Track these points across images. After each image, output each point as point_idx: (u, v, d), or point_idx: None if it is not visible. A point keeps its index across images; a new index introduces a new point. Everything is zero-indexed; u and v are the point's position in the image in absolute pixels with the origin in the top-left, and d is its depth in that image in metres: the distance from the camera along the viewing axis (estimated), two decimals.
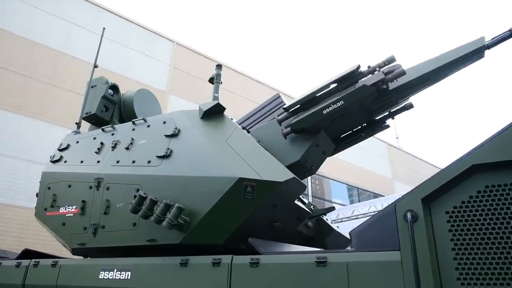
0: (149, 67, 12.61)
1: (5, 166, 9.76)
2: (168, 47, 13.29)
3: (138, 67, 12.15)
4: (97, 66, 4.74)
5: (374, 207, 7.87)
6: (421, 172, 22.37)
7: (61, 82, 11.13)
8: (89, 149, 3.74)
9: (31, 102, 10.60)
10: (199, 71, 13.64)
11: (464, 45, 3.28)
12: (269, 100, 4.63)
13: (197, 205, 2.73)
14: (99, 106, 4.52)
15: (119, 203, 3.18)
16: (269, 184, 2.63)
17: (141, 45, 12.57)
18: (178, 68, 13.36)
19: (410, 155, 22.40)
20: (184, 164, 2.96)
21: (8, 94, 10.45)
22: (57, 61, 11.33)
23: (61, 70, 11.28)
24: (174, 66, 13.23)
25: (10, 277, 3.63)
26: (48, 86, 10.98)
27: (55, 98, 10.92)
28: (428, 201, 2.07)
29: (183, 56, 13.73)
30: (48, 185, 3.77)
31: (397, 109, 3.76)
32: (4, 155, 9.98)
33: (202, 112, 3.30)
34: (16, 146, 10.15)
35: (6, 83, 10.51)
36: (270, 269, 2.31)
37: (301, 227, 3.37)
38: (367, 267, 2.06)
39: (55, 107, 10.84)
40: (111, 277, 2.97)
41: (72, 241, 3.40)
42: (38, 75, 10.94)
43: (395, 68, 3.27)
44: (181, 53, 13.70)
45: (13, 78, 10.62)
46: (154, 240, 2.88)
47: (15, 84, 10.58)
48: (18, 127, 10.32)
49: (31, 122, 10.50)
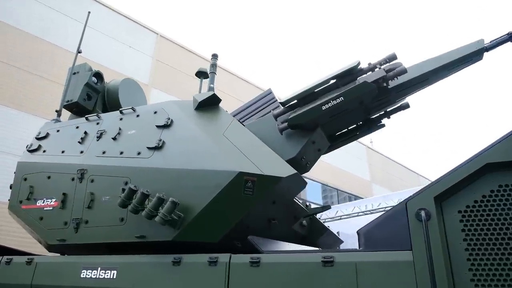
0: (131, 59, 12.15)
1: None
2: (152, 39, 12.87)
3: (120, 58, 11.66)
4: (80, 51, 4.46)
5: (358, 208, 7.97)
6: (397, 175, 22.92)
7: (34, 69, 10.52)
8: (71, 138, 3.48)
9: (4, 89, 9.97)
10: (182, 65, 13.30)
11: (464, 46, 3.27)
12: (261, 95, 4.51)
13: (192, 200, 2.56)
14: (82, 94, 4.24)
15: (104, 197, 2.95)
16: (271, 180, 2.50)
17: (124, 36, 12.08)
18: (161, 61, 12.97)
19: (388, 158, 22.90)
20: (178, 156, 2.78)
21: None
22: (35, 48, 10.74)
23: (37, 57, 10.69)
24: (157, 59, 12.84)
25: None
26: (22, 73, 10.36)
27: (29, 86, 10.32)
28: (440, 200, 2.01)
29: (167, 49, 13.34)
30: (24, 176, 3.48)
31: (393, 109, 3.73)
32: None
33: (197, 103, 3.13)
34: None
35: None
36: (272, 269, 2.19)
37: (296, 226, 3.27)
38: (377, 267, 1.98)
39: (30, 96, 10.24)
40: (94, 276, 2.75)
41: (51, 237, 3.14)
42: (14, 61, 10.32)
43: (396, 66, 3.22)
44: (165, 46, 13.31)
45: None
46: (144, 236, 2.69)
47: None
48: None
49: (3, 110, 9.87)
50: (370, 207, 7.83)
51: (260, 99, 4.48)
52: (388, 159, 23.10)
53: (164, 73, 12.91)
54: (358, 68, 3.29)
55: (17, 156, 9.43)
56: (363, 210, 7.86)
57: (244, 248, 2.72)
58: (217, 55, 3.83)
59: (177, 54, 13.54)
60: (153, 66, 12.61)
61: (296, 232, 3.28)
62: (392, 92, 3.40)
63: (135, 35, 12.44)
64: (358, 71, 3.29)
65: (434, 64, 3.30)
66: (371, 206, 7.82)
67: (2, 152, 9.46)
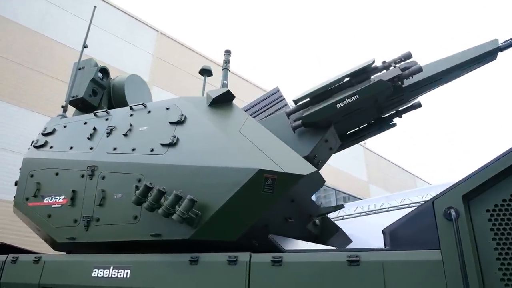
0: (131, 56, 11.98)
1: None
2: (152, 37, 12.73)
3: (120, 54, 11.49)
4: (86, 46, 4.37)
5: (360, 208, 7.96)
6: (393, 176, 23.00)
7: (34, 64, 10.33)
8: (79, 134, 3.40)
9: (3, 85, 9.77)
10: (182, 63, 13.17)
11: (478, 46, 3.27)
12: (268, 94, 4.47)
13: (209, 198, 2.51)
14: (87, 90, 4.16)
15: (116, 194, 2.88)
16: (292, 177, 2.46)
17: (124, 32, 11.91)
18: (161, 59, 12.82)
19: (384, 159, 23.00)
20: (194, 153, 2.73)
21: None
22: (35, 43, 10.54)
23: (36, 52, 10.49)
24: (157, 56, 12.70)
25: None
26: (21, 68, 10.16)
27: (29, 82, 10.12)
28: (468, 199, 1.99)
29: (167, 46, 13.20)
30: (31, 173, 3.39)
31: (405, 108, 3.71)
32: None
33: (211, 99, 3.08)
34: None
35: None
36: (294, 268, 2.15)
37: (309, 225, 3.23)
38: (405, 266, 1.95)
39: (30, 91, 10.04)
40: (106, 275, 2.68)
41: (60, 235, 3.06)
42: (14, 56, 10.11)
43: (411, 64, 3.20)
44: (165, 43, 13.17)
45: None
46: (159, 235, 2.62)
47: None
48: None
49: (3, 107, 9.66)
50: (373, 207, 7.82)
51: (267, 97, 4.44)
52: (385, 160, 23.21)
53: (164, 70, 12.78)
54: (373, 66, 3.26)
55: (17, 152, 9.28)
56: (366, 210, 7.85)
57: (261, 247, 2.68)
58: (230, 51, 3.78)
59: (177, 51, 13.41)
60: (153, 64, 12.47)
61: (309, 232, 3.25)
62: (406, 91, 3.39)
63: (135, 32, 12.29)
64: (373, 69, 3.27)
65: (448, 63, 3.28)
66: (373, 206, 7.81)
67: (1, 148, 9.26)
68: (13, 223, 8.34)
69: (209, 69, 5.04)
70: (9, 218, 8.31)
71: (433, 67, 3.31)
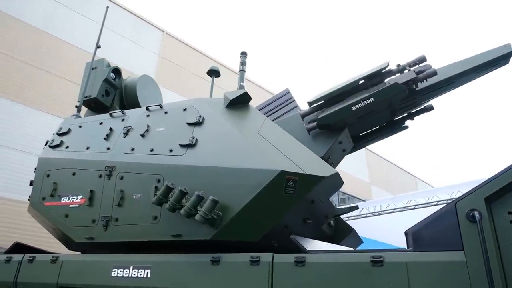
0: (138, 56, 11.99)
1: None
2: (158, 37, 12.74)
3: (126, 54, 11.49)
4: (99, 46, 4.39)
5: (366, 209, 7.98)
6: (395, 178, 23.07)
7: (40, 63, 10.32)
8: (95, 134, 3.42)
9: (10, 83, 9.76)
10: (187, 63, 13.19)
11: (491, 50, 3.31)
12: (278, 95, 4.50)
13: (231, 199, 2.54)
14: (100, 90, 4.19)
15: (135, 194, 2.90)
16: (313, 179, 2.49)
17: (129, 32, 11.91)
18: (167, 59, 12.84)
19: (386, 160, 23.07)
20: (214, 154, 2.75)
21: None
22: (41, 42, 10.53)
23: (43, 52, 10.48)
24: (163, 56, 12.71)
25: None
26: (27, 67, 10.15)
27: (34, 81, 10.11)
28: (490, 201, 2.02)
29: (172, 46, 13.22)
30: (47, 172, 3.40)
31: (417, 110, 3.75)
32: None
33: (228, 101, 3.11)
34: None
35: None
36: (317, 269, 2.17)
37: (324, 226, 3.26)
38: (429, 267, 1.98)
39: (36, 90, 10.03)
40: (126, 275, 2.70)
41: (78, 235, 3.08)
42: (19, 55, 10.10)
43: (426, 68, 3.24)
44: (170, 43, 13.20)
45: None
46: (180, 235, 2.65)
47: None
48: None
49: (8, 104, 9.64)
50: (379, 208, 7.85)
51: (277, 98, 4.47)
52: (386, 161, 23.28)
53: (169, 70, 12.78)
54: (387, 69, 3.30)
55: (21, 151, 9.26)
56: (372, 211, 7.87)
57: (280, 247, 2.71)
58: (246, 53, 3.80)
59: (182, 51, 13.42)
60: (158, 64, 12.49)
61: (324, 232, 3.28)
62: (419, 94, 3.43)
63: (141, 32, 12.30)
64: (387, 72, 3.31)
65: (461, 67, 3.32)
66: (379, 208, 7.84)
67: (5, 146, 9.25)
68: (17, 221, 8.35)
69: (217, 70, 5.08)
70: (12, 217, 8.33)
71: (447, 71, 3.35)
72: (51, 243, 5.63)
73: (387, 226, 7.93)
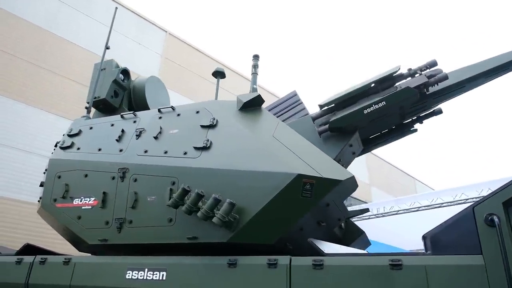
0: (140, 56, 11.97)
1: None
2: (161, 37, 12.72)
3: (130, 55, 11.47)
4: (109, 47, 4.39)
5: (369, 211, 8.04)
6: (394, 179, 23.13)
7: (43, 62, 10.27)
8: (107, 136, 3.42)
9: (12, 82, 9.71)
10: (190, 64, 13.18)
11: (503, 54, 3.34)
12: (285, 97, 4.52)
13: (247, 202, 2.55)
14: (109, 91, 4.19)
15: (150, 196, 2.91)
16: (330, 182, 2.51)
17: (134, 33, 11.89)
18: (170, 59, 12.81)
19: (386, 162, 23.15)
20: (229, 157, 2.76)
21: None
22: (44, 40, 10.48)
23: (46, 51, 10.44)
24: (166, 57, 12.70)
25: (9, 275, 3.24)
26: (30, 66, 10.09)
27: (37, 80, 10.05)
28: (507, 205, 2.05)
29: (175, 47, 13.21)
30: (58, 174, 3.40)
31: (426, 114, 3.78)
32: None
33: (242, 104, 3.12)
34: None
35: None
36: (336, 271, 2.19)
37: (336, 228, 3.28)
38: (447, 271, 2.00)
39: (38, 90, 9.98)
40: (141, 277, 2.70)
41: (91, 237, 3.07)
42: (22, 54, 10.05)
43: (437, 72, 3.27)
44: (173, 44, 13.18)
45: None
46: (196, 238, 2.66)
47: None
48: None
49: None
50: (382, 210, 7.88)
51: (284, 101, 4.49)
52: (386, 163, 23.37)
53: (172, 71, 12.77)
54: (398, 73, 3.33)
55: (23, 151, 9.21)
56: (375, 213, 7.90)
57: (295, 250, 2.72)
58: (258, 55, 3.82)
59: (185, 52, 13.43)
60: (162, 65, 12.47)
61: (335, 235, 3.30)
62: (429, 98, 3.46)
63: (144, 32, 12.28)
64: (398, 76, 3.34)
65: (472, 71, 3.36)
66: (383, 210, 7.87)
67: (6, 146, 9.18)
68: (18, 221, 8.31)
69: (222, 71, 5.07)
70: (13, 216, 8.29)
71: (458, 75, 3.38)
72: (55, 243, 5.64)
73: (390, 228, 7.98)
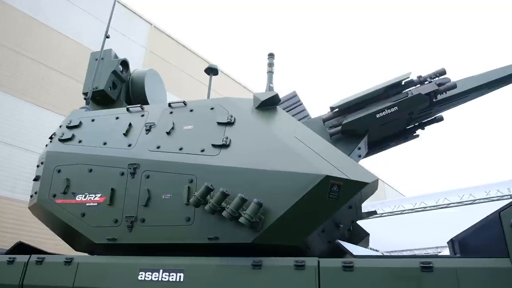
0: (124, 47, 11.45)
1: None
2: (146, 29, 12.25)
3: (113, 46, 10.97)
4: (108, 36, 4.18)
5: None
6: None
7: (27, 51, 9.58)
8: (113, 130, 3.24)
9: None
10: (175, 59, 12.83)
11: (505, 67, 3.52)
12: (285, 98, 4.51)
13: (272, 202, 2.50)
14: (108, 83, 3.99)
15: (165, 194, 2.78)
16: (357, 185, 2.52)
17: (119, 24, 11.33)
18: (154, 53, 12.38)
19: None
20: (251, 156, 2.70)
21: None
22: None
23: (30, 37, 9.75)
24: (150, 50, 12.25)
25: (0, 276, 2.98)
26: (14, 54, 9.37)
27: (20, 70, 9.35)
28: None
29: (160, 41, 12.79)
30: (58, 168, 3.17)
31: (428, 121, 3.91)
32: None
33: (259, 102, 3.07)
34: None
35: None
36: (366, 273, 2.20)
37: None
38: (477, 273, 2.06)
39: (20, 79, 9.29)
40: (155, 279, 2.58)
41: (98, 236, 2.89)
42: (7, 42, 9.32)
43: (445, 81, 3.39)
44: (158, 37, 12.74)
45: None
46: (217, 238, 2.57)
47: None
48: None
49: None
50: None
51: (284, 101, 4.47)
52: None
53: (155, 64, 12.35)
54: (409, 80, 3.42)
55: (8, 145, 8.46)
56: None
57: (314, 251, 2.71)
58: (274, 54, 3.78)
59: (170, 47, 13.06)
60: (146, 58, 12.04)
61: (344, 237, 3.32)
62: (436, 105, 3.57)
63: (129, 23, 11.80)
64: (408, 82, 3.42)
65: (476, 81, 3.51)
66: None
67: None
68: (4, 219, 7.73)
69: (215, 68, 4.98)
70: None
71: (463, 84, 3.51)
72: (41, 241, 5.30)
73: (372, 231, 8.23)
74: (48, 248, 3.60)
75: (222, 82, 14.03)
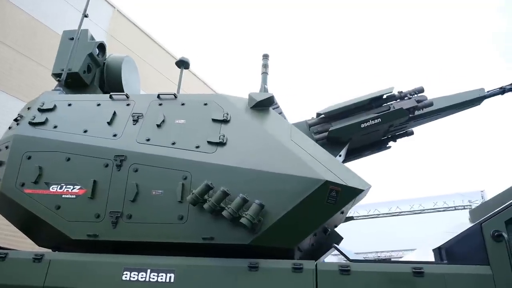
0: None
1: None
2: (108, 13, 11.35)
3: (73, 26, 10.05)
4: (87, 15, 3.85)
5: None
6: None
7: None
8: (94, 117, 2.99)
9: None
10: (137, 47, 12.07)
11: (468, 91, 3.89)
12: None
13: (271, 204, 2.48)
14: (83, 65, 3.68)
15: (155, 190, 2.63)
16: (353, 191, 2.59)
17: (80, 3, 10.41)
18: (115, 38, 11.52)
19: None
20: (250, 156, 2.66)
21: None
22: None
23: None
24: (112, 35, 11.37)
25: None
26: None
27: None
28: (509, 223, 2.39)
29: (123, 26, 11.92)
30: (28, 154, 2.84)
31: (400, 134, 4.17)
32: None
33: (255, 102, 3.04)
34: None
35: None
36: (362, 277, 2.28)
37: None
38: (462, 278, 2.24)
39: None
40: (142, 279, 2.43)
41: (75, 231, 2.63)
42: None
43: (423, 98, 3.65)
44: (121, 22, 11.86)
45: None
46: (212, 238, 2.48)
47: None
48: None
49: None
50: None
51: None
52: None
53: (116, 51, 11.58)
54: (391, 94, 3.63)
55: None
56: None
57: (305, 254, 2.75)
58: (268, 55, 3.75)
59: (133, 33, 12.27)
60: (107, 42, 11.17)
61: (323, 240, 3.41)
62: (411, 120, 3.83)
63: (91, 5, 10.86)
64: (390, 96, 3.63)
65: (446, 102, 3.83)
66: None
67: None
68: None
69: (186, 61, 4.85)
70: None
71: (438, 102, 3.81)
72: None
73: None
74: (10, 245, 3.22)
75: (188, 79, 13.66)
